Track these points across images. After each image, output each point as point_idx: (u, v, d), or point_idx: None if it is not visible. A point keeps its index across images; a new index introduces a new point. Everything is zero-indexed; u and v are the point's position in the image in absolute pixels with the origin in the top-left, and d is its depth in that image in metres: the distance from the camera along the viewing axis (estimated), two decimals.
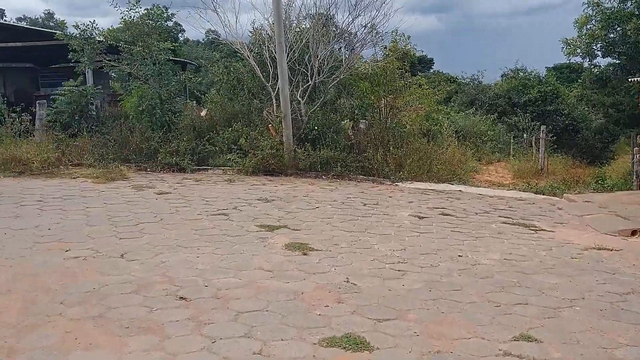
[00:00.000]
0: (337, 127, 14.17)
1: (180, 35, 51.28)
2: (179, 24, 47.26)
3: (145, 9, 14.75)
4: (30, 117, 15.02)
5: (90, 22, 13.91)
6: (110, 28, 14.44)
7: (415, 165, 13.13)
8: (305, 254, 6.61)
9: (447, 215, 9.28)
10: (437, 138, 17.99)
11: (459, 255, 6.87)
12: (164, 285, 5.46)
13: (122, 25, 14.62)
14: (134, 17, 14.28)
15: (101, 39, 14.35)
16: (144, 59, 14.20)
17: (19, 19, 74.83)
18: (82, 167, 13.20)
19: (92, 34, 13.90)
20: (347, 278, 5.80)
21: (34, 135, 14.69)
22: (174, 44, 40.19)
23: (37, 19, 73.25)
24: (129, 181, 11.62)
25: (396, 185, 12.22)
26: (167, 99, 14.11)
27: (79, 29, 13.72)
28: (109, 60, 14.29)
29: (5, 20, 47.16)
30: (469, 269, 6.37)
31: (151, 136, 13.48)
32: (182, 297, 5.13)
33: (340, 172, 12.74)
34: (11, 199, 9.64)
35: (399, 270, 6.14)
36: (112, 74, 22.44)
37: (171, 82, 14.34)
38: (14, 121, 14.46)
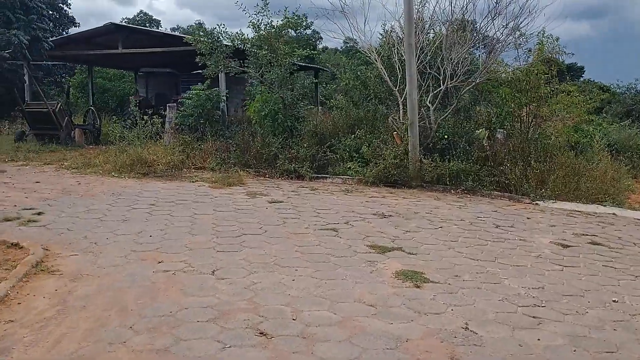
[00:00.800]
0: (470, 137, 12.85)
1: (318, 42, 51.72)
2: (317, 32, 47.73)
3: (285, 17, 14.45)
4: (162, 120, 15.32)
5: (217, 25, 13.73)
6: (239, 32, 14.29)
7: (559, 182, 11.43)
8: (417, 286, 5.57)
9: (597, 244, 7.72)
10: (587, 152, 15.89)
11: (614, 300, 5.45)
12: (246, 314, 4.72)
13: (251, 30, 14.42)
14: (261, 21, 14.01)
15: (228, 43, 14.24)
16: (270, 63, 13.88)
17: (173, 29, 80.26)
18: (205, 170, 13.11)
19: (218, 38, 13.80)
20: (467, 324, 4.68)
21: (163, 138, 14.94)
22: (312, 51, 40.58)
23: (189, 29, 77.88)
24: (245, 187, 11.22)
25: (536, 204, 10.67)
26: (291, 104, 13.65)
27: (206, 32, 13.70)
28: (236, 65, 14.14)
29: (159, 28, 50.42)
30: (628, 320, 4.97)
31: (272, 142, 13.08)
32: (262, 333, 4.35)
33: (471, 186, 11.44)
34: (127, 201, 9.56)
35: (534, 317, 4.90)
36: (251, 79, 22.72)
37: (295, 86, 13.87)
38: (145, 123, 14.80)
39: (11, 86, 19.83)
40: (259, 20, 13.99)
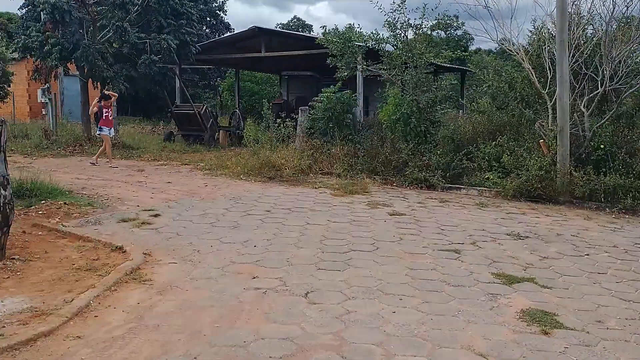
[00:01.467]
0: (634, 147, 11.03)
1: (470, 43, 49.54)
2: (468, 33, 45.77)
3: (435, 19, 13.62)
4: (294, 124, 15.13)
5: (349, 24, 13.19)
6: (373, 32, 13.64)
7: None
8: (545, 333, 4.50)
9: None
10: None
11: None
12: (327, 352, 4.02)
13: (386, 28, 13.70)
14: (397, 19, 13.25)
15: (361, 43, 13.64)
16: (404, 64, 13.08)
17: (324, 34, 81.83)
18: (331, 176, 12.64)
19: (350, 38, 13.25)
20: None
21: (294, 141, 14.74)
22: (463, 53, 38.86)
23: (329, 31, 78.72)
24: (368, 196, 10.53)
25: None
26: (425, 108, 12.72)
27: (338, 32, 13.21)
28: (367, 66, 13.52)
29: (311, 33, 51.30)
30: None
31: (402, 147, 12.26)
32: None
33: (631, 205, 9.73)
34: (244, 206, 9.32)
35: None
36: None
37: (431, 88, 12.92)
38: (278, 126, 14.68)
39: (161, 89, 20.90)
40: (394, 18, 13.24)
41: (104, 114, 14.37)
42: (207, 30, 38.25)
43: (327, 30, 15.16)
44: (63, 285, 5.23)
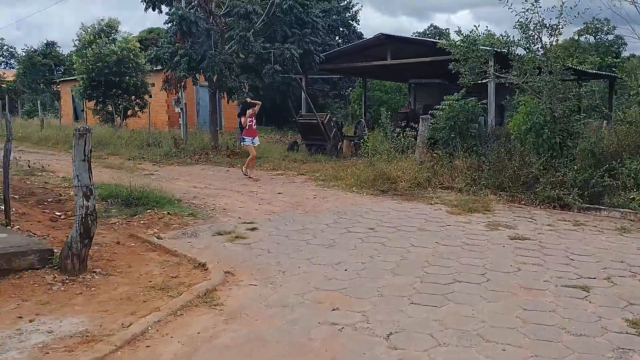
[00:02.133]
0: None
1: (621, 49, 45.16)
2: (621, 38, 41.73)
3: (584, 23, 12.23)
4: (415, 133, 14.26)
5: (475, 26, 12.09)
6: (502, 34, 12.40)
7: None
8: None
9: None
10: None
11: None
12: None
13: (517, 30, 12.40)
14: (530, 19, 11.92)
15: (487, 47, 12.46)
16: (538, 68, 11.72)
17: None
18: (451, 191, 11.60)
19: (475, 41, 12.13)
20: None
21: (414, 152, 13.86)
22: (614, 59, 35.49)
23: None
24: (489, 215, 9.41)
25: None
26: (561, 117, 11.27)
27: (461, 35, 12.17)
28: (498, 71, 12.31)
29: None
30: None
31: (532, 161, 10.93)
32: None
33: None
34: (347, 221, 8.67)
35: None
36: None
37: (568, 96, 11.44)
38: (397, 136, 13.90)
39: (286, 98, 20.97)
40: (527, 18, 11.92)
41: (248, 124, 13.99)
42: (339, 40, 38.26)
43: (458, 34, 14.08)
44: (129, 306, 4.90)
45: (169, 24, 17.36)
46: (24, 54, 43.26)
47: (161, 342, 4.21)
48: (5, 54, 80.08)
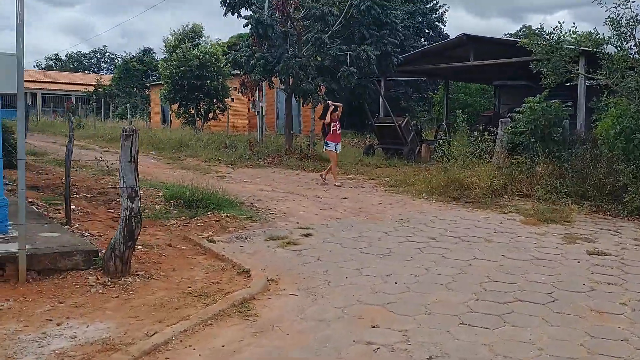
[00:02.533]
0: None
1: None
2: None
3: None
4: (494, 137, 13.49)
5: (559, 23, 11.20)
6: (592, 31, 11.42)
7: None
8: None
9: None
10: None
11: None
12: None
13: (608, 26, 11.40)
14: (622, 14, 10.92)
15: (572, 45, 11.53)
16: (630, 67, 10.71)
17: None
18: (529, 199, 10.82)
19: (559, 39, 11.24)
20: None
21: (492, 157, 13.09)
22: None
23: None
24: (567, 227, 8.62)
25: None
26: None
27: (544, 33, 11.32)
28: (589, 72, 11.37)
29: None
30: None
31: (621, 169, 9.97)
32: None
33: None
34: (408, 230, 8.20)
35: None
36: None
37: None
38: (474, 140, 13.20)
39: (363, 101, 20.61)
40: (618, 14, 10.92)
41: (332, 128, 13.23)
42: (424, 42, 37.41)
43: (538, 31, 13.21)
44: (160, 313, 4.73)
45: (246, 28, 17.50)
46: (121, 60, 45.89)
47: (181, 355, 3.99)
48: (107, 60, 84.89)
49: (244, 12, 17.99)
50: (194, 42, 24.23)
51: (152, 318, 4.61)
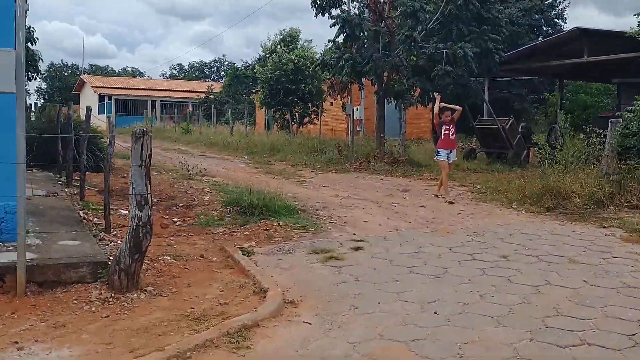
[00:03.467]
0: None
1: None
2: None
3: None
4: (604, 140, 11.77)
5: None
6: None
7: None
8: None
9: None
10: None
11: None
12: None
13: None
14: None
15: None
16: None
17: None
18: None
19: None
20: None
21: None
22: None
23: None
24: None
25: None
26: None
27: None
28: None
29: None
30: None
31: None
32: None
33: None
34: (479, 245, 7.07)
35: None
36: None
37: None
38: (582, 144, 11.59)
39: (463, 102, 19.18)
40: None
41: (443, 133, 11.31)
42: (541, 39, 34.78)
43: None
44: (139, 340, 4.11)
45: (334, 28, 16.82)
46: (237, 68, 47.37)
47: None
48: (226, 68, 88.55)
49: (335, 12, 17.38)
50: (290, 47, 24.02)
51: (125, 346, 4.00)
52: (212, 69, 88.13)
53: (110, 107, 48.15)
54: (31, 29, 16.92)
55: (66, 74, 70.56)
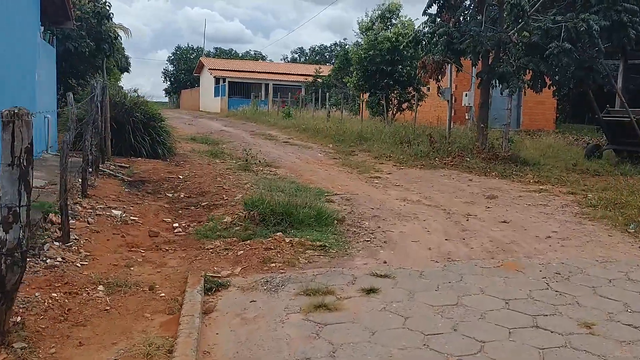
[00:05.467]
0: None
1: None
2: None
3: None
4: None
5: None
6: None
7: None
8: None
9: None
10: None
11: None
12: None
13: None
14: None
15: None
16: None
17: None
18: None
19: None
20: None
21: None
22: None
23: None
24: None
25: None
26: None
27: None
28: None
29: None
30: None
31: None
32: None
33: None
34: (556, 298, 4.74)
35: None
36: None
37: None
38: None
39: (586, 87, 15.95)
40: None
41: None
42: None
43: None
44: None
45: None
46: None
47: None
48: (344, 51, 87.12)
49: None
50: (387, 23, 21.67)
51: None
52: (333, 52, 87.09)
53: (224, 89, 48.50)
54: (107, 3, 16.12)
55: (192, 56, 72.82)
